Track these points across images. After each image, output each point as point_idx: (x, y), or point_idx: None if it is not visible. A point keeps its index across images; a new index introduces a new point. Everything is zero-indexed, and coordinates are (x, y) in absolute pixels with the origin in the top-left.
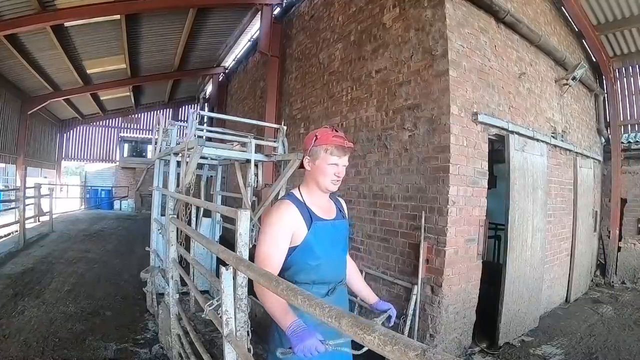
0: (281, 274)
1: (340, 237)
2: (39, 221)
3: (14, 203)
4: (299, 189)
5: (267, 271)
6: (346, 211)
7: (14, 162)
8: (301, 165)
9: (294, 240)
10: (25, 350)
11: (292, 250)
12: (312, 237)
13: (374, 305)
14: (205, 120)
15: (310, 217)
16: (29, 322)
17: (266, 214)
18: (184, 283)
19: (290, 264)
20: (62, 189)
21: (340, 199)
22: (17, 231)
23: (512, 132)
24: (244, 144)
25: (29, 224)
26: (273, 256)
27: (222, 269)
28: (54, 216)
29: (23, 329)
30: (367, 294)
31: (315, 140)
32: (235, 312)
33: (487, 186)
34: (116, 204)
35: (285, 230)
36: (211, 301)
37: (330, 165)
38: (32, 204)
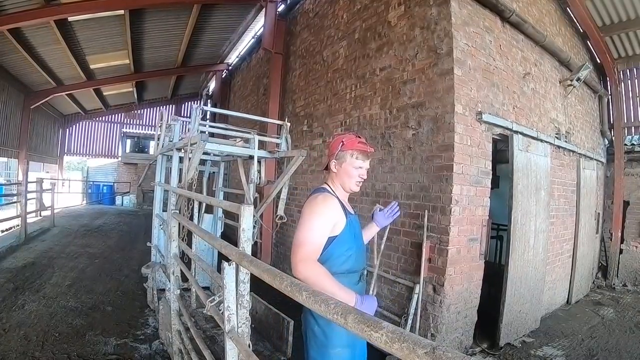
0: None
1: (361, 228)
2: (40, 216)
3: (15, 197)
4: (328, 186)
5: (270, 267)
6: None
7: (16, 157)
8: (325, 168)
9: (333, 231)
10: (25, 344)
11: (330, 240)
12: (348, 228)
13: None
14: (208, 116)
15: (345, 212)
16: (29, 316)
17: (311, 204)
18: (185, 279)
19: (328, 256)
20: (64, 184)
21: None
22: (18, 225)
23: (516, 132)
24: (246, 140)
25: (31, 219)
26: (317, 242)
27: (225, 264)
28: (55, 211)
29: (23, 323)
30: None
31: (342, 146)
32: (237, 309)
33: (490, 186)
34: (118, 200)
35: (330, 221)
36: (213, 297)
37: (356, 169)
38: (33, 198)
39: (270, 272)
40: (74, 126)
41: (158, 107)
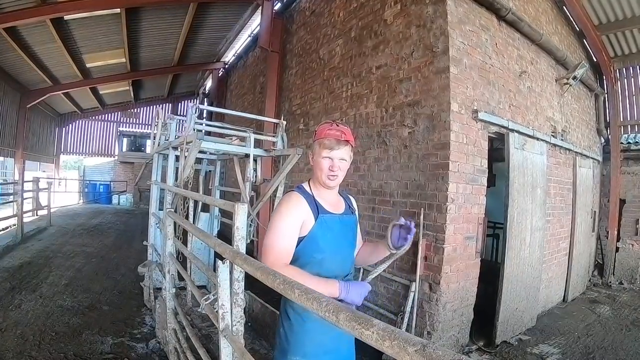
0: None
1: (349, 232)
2: (37, 215)
3: (12, 196)
4: (308, 182)
5: (263, 265)
6: (356, 207)
7: (13, 156)
8: None
9: (302, 230)
10: (21, 344)
11: (299, 240)
12: (318, 229)
13: (391, 247)
14: (204, 115)
15: (317, 210)
16: (25, 316)
17: (278, 204)
18: (181, 278)
19: (296, 256)
20: (60, 183)
21: (350, 195)
22: (15, 225)
23: (512, 130)
24: (243, 139)
25: (27, 218)
26: (283, 245)
27: (219, 262)
28: (52, 210)
29: (20, 322)
30: (379, 247)
31: (314, 136)
32: (231, 307)
33: (486, 184)
34: (114, 199)
35: (294, 219)
36: (207, 295)
37: (325, 159)
38: (30, 197)
39: (263, 270)
40: (71, 125)
41: (155, 106)
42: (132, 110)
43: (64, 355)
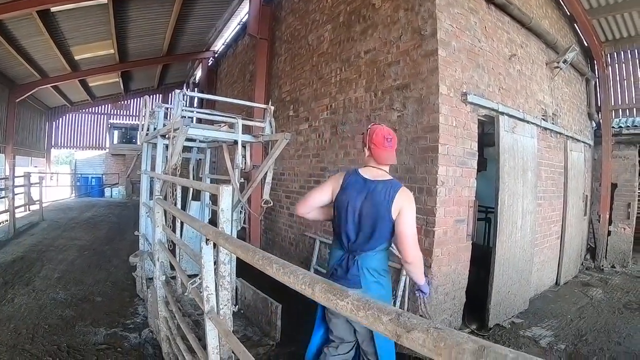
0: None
1: None
2: (29, 210)
3: (3, 192)
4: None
5: (244, 243)
6: None
7: (3, 152)
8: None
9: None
10: (15, 337)
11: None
12: None
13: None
14: (195, 104)
15: None
16: (19, 310)
17: (413, 200)
18: (173, 267)
19: None
20: (52, 178)
21: None
22: (6, 220)
23: (502, 113)
24: (231, 125)
25: (19, 213)
26: None
27: (203, 244)
28: (44, 205)
29: (13, 316)
30: None
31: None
32: (217, 289)
33: (476, 167)
34: (107, 192)
35: None
36: (194, 279)
37: None
38: (21, 192)
39: (243, 247)
40: (61, 119)
41: (145, 97)
42: (122, 102)
43: (57, 347)
